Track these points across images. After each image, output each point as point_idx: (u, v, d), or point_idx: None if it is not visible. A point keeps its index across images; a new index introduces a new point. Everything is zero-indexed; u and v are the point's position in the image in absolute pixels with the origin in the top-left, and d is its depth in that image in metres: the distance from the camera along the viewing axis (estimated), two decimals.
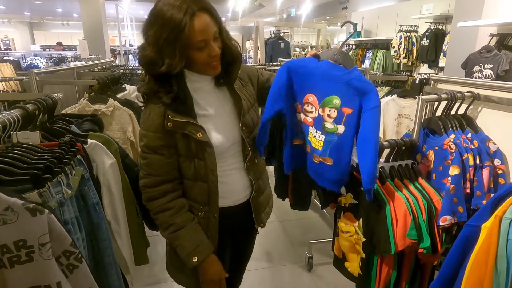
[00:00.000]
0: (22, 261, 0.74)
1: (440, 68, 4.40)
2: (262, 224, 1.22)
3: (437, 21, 4.46)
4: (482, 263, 0.71)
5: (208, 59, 0.94)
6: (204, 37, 0.90)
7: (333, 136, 1.12)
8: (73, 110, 1.81)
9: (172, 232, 1.01)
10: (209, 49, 0.92)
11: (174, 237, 1.02)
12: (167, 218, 1.01)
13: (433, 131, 1.35)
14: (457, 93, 1.32)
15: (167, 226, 1.02)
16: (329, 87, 1.09)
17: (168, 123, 0.95)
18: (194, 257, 1.01)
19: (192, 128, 0.97)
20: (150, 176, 0.99)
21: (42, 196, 0.79)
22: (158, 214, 1.02)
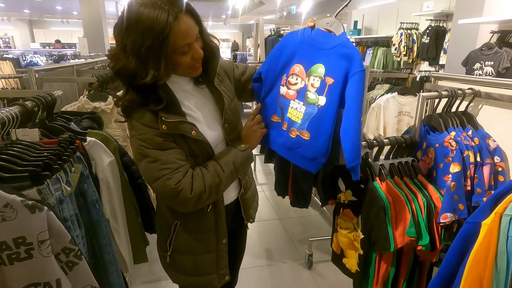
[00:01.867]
0: (22, 258, 0.73)
1: (440, 66, 4.40)
2: (251, 219, 1.22)
3: (437, 19, 4.45)
4: (482, 259, 0.71)
5: (191, 62, 0.90)
6: (187, 41, 0.86)
7: (313, 108, 1.07)
8: (73, 108, 1.81)
9: (222, 172, 0.96)
10: (193, 52, 0.89)
11: (227, 170, 0.97)
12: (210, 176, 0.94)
13: (433, 128, 1.35)
14: (457, 90, 1.31)
15: (218, 179, 0.95)
16: (315, 55, 1.06)
17: (163, 126, 0.89)
18: (242, 147, 1.02)
19: (185, 127, 0.93)
20: (177, 171, 0.90)
21: (41, 193, 0.79)
22: (209, 185, 0.93)
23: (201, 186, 0.92)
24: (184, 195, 0.90)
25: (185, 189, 0.89)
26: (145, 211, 1.35)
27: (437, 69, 4.51)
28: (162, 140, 0.90)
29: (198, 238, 1.07)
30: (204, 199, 0.93)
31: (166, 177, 0.88)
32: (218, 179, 0.95)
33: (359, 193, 1.25)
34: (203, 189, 0.92)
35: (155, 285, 2.10)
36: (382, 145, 1.30)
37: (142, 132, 0.89)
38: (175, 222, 1.05)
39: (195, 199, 0.91)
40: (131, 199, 1.28)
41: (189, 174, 0.92)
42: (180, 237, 1.06)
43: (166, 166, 0.89)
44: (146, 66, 0.82)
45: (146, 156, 0.89)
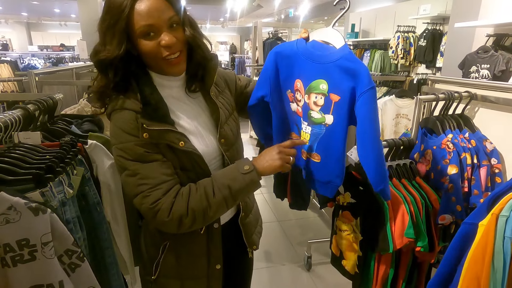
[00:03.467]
0: (25, 260, 0.74)
1: (437, 69, 4.43)
2: (254, 246, 1.10)
3: (434, 22, 4.49)
4: (479, 260, 0.73)
5: (159, 50, 0.80)
6: (149, 22, 0.77)
7: (320, 128, 0.99)
8: (73, 111, 1.82)
9: (211, 196, 0.82)
10: (161, 37, 0.79)
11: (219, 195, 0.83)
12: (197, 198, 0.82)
13: (431, 130, 1.37)
14: (454, 93, 1.33)
15: (205, 202, 0.82)
16: (315, 70, 0.96)
17: (144, 134, 0.80)
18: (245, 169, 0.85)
19: (172, 136, 0.83)
20: (156, 188, 0.80)
21: (44, 195, 0.79)
22: (193, 209, 0.81)
23: (182, 209, 0.80)
24: (161, 217, 0.79)
25: (162, 210, 0.79)
26: None
27: (434, 72, 4.54)
28: (144, 150, 0.80)
29: (188, 262, 0.96)
30: (186, 224, 0.81)
31: (143, 194, 0.80)
32: (205, 203, 0.81)
33: (358, 195, 1.27)
34: (184, 213, 0.80)
35: None
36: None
37: (122, 141, 0.81)
38: (164, 243, 0.94)
39: (174, 223, 0.81)
40: None
41: (172, 193, 0.81)
42: (168, 260, 0.95)
43: (144, 182, 0.80)
44: (105, 42, 0.79)
45: (125, 169, 0.81)
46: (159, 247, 0.95)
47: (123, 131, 0.81)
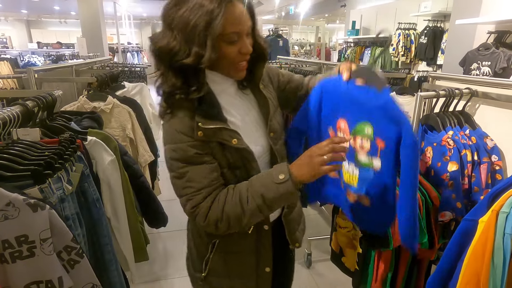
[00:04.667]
0: (24, 256, 0.74)
1: (438, 66, 4.41)
2: (297, 243, 1.07)
3: (435, 19, 4.47)
4: (479, 256, 0.72)
5: (238, 56, 0.82)
6: (238, 29, 0.78)
7: (368, 171, 0.97)
8: (72, 108, 1.81)
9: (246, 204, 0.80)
10: (241, 44, 0.80)
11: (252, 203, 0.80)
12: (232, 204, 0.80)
13: (431, 127, 1.36)
14: (455, 89, 1.32)
15: (240, 209, 0.80)
16: (360, 112, 0.93)
17: (199, 132, 0.79)
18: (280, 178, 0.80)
19: (225, 134, 0.82)
20: (198, 193, 0.81)
21: (43, 192, 0.79)
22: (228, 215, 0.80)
23: (218, 214, 0.80)
24: (199, 221, 0.82)
25: (200, 215, 0.81)
26: (149, 208, 1.36)
27: (434, 69, 4.53)
28: (194, 152, 0.80)
29: (237, 261, 0.96)
30: (222, 229, 0.82)
31: (187, 197, 0.81)
32: (239, 210, 0.80)
33: None
34: (220, 218, 0.80)
35: (155, 284, 2.11)
36: None
37: (175, 141, 0.81)
38: (213, 241, 0.94)
39: (211, 227, 0.82)
40: (132, 198, 1.28)
41: (210, 199, 0.81)
42: (217, 258, 0.95)
43: (190, 185, 0.81)
44: (190, 43, 0.75)
45: (173, 171, 0.82)
46: (208, 245, 0.95)
47: (178, 131, 0.81)
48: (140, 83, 2.54)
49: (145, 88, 2.54)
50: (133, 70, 2.96)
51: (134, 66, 3.07)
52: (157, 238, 2.62)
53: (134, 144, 1.95)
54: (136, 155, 1.96)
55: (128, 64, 3.26)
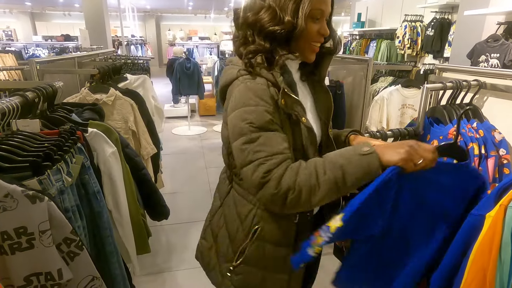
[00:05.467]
0: (23, 248, 0.74)
1: (445, 59, 4.34)
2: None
3: (442, 10, 4.39)
4: (486, 252, 0.71)
5: (316, 36, 0.84)
6: (324, 7, 0.82)
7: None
8: (74, 100, 1.80)
9: (322, 175, 0.74)
10: (321, 24, 0.84)
11: (330, 174, 0.74)
12: (306, 174, 0.74)
13: (437, 120, 1.33)
14: (463, 81, 1.29)
15: (314, 180, 0.74)
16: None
17: (282, 100, 0.79)
18: (364, 150, 0.75)
19: (300, 109, 0.82)
20: (272, 158, 0.75)
21: (42, 183, 0.78)
22: (300, 185, 0.74)
23: (291, 183, 0.73)
24: (269, 189, 0.74)
25: (272, 181, 0.74)
26: (151, 201, 1.35)
27: (441, 62, 4.45)
28: (270, 118, 0.77)
29: (275, 251, 0.91)
30: (291, 202, 0.74)
31: (259, 161, 0.75)
32: (314, 181, 0.73)
33: (361, 186, 1.24)
34: (292, 187, 0.73)
35: (158, 277, 2.12)
36: (385, 138, 1.29)
37: (252, 103, 0.77)
38: (256, 226, 0.89)
39: (280, 198, 0.74)
40: (133, 190, 1.28)
41: (283, 166, 0.75)
42: (256, 246, 0.90)
43: (262, 148, 0.75)
44: (284, 13, 0.79)
45: (244, 135, 0.77)
46: (249, 231, 0.90)
47: (255, 95, 0.78)
48: (143, 75, 2.53)
49: (147, 81, 2.53)
50: (136, 62, 2.94)
51: (137, 59, 3.05)
52: (160, 231, 2.63)
53: (136, 136, 1.94)
54: (139, 147, 1.95)
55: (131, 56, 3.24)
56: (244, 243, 0.91)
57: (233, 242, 0.94)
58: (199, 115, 6.51)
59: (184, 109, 6.03)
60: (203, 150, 4.61)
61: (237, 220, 0.92)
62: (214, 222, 1.01)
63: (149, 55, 10.56)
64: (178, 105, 6.25)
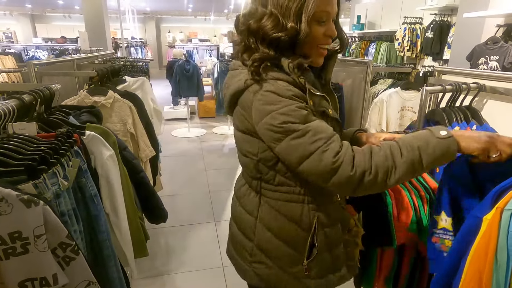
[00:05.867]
0: (18, 253, 0.73)
1: (444, 61, 4.35)
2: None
3: (442, 13, 4.40)
4: (482, 254, 0.70)
5: (323, 38, 0.82)
6: (329, 9, 0.80)
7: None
8: (73, 102, 1.80)
9: (399, 157, 0.73)
10: (328, 26, 0.82)
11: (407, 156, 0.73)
12: (381, 156, 0.73)
13: (437, 123, 1.33)
14: (462, 84, 1.29)
15: (391, 162, 0.73)
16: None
17: (310, 101, 0.78)
18: (442, 134, 0.73)
19: (325, 103, 0.82)
20: (332, 140, 0.74)
21: (38, 187, 0.78)
22: (376, 166, 0.73)
23: (366, 163, 0.72)
24: (344, 171, 0.72)
25: (345, 163, 0.72)
26: (149, 203, 1.34)
27: (441, 64, 4.46)
28: (306, 112, 0.76)
29: (331, 231, 0.93)
30: (368, 183, 0.73)
31: (321, 149, 0.72)
32: (391, 163, 0.72)
33: None
34: (368, 168, 0.72)
35: (156, 280, 2.11)
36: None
37: (282, 105, 0.75)
38: (315, 218, 0.89)
39: (357, 179, 0.72)
40: (131, 193, 1.27)
41: (347, 145, 0.74)
42: (320, 235, 0.91)
43: (319, 137, 0.73)
44: (286, 19, 0.77)
45: (290, 132, 0.74)
46: (311, 225, 0.89)
47: (281, 95, 0.76)
48: (142, 78, 2.53)
49: (146, 83, 2.52)
50: (135, 64, 2.94)
51: (136, 61, 3.04)
52: (159, 233, 2.62)
53: (135, 139, 1.93)
54: (137, 150, 1.95)
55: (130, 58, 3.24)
56: (309, 238, 0.90)
57: (297, 244, 0.91)
58: (199, 117, 6.50)
59: (184, 111, 6.03)
60: (203, 152, 4.60)
61: (292, 224, 0.90)
62: (261, 239, 0.94)
63: (149, 57, 10.57)
64: (178, 107, 6.25)
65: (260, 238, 0.93)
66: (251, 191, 0.95)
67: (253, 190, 0.94)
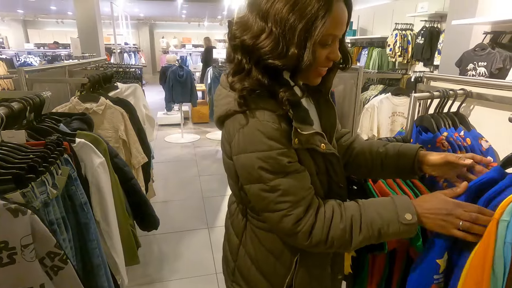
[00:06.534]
0: (4, 263, 0.72)
1: (435, 66, 4.42)
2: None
3: (432, 20, 4.49)
4: (479, 266, 0.70)
5: (324, 62, 0.73)
6: (337, 32, 0.70)
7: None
8: (64, 109, 1.79)
9: (357, 233, 0.73)
10: (332, 49, 0.72)
11: (366, 234, 0.72)
12: (341, 229, 0.72)
13: (425, 129, 1.34)
14: (449, 90, 1.31)
15: (348, 237, 0.73)
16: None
17: (295, 140, 0.70)
18: (407, 218, 0.71)
19: (317, 139, 0.75)
20: (297, 206, 0.71)
21: (26, 196, 0.77)
22: (333, 239, 0.73)
23: (322, 235, 0.72)
24: (299, 239, 0.72)
25: (303, 233, 0.71)
26: (140, 211, 1.34)
27: (431, 70, 4.54)
28: (287, 161, 0.70)
29: (318, 273, 0.89)
30: (321, 249, 0.74)
31: (284, 213, 0.71)
32: (348, 238, 0.73)
33: (351, 195, 1.25)
34: (323, 240, 0.72)
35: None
36: None
37: (264, 148, 0.69)
38: (295, 257, 0.85)
39: (310, 246, 0.73)
40: (122, 201, 1.26)
41: (312, 212, 0.72)
42: (301, 274, 0.86)
43: (285, 199, 0.71)
44: (288, 43, 0.66)
45: (261, 182, 0.71)
46: (291, 263, 0.85)
47: (266, 136, 0.69)
48: (134, 84, 2.52)
49: (138, 89, 2.52)
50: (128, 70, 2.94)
51: (128, 67, 3.04)
52: (152, 240, 2.60)
53: (127, 145, 1.93)
54: (129, 157, 1.94)
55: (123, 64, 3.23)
56: (289, 276, 0.86)
57: (274, 279, 0.87)
58: (192, 123, 6.50)
59: (177, 117, 6.02)
60: (196, 157, 4.60)
61: (271, 257, 0.86)
62: (241, 264, 0.91)
63: (143, 62, 10.56)
64: (171, 112, 6.24)
65: (240, 263, 0.91)
66: (239, 212, 0.91)
67: (240, 212, 0.90)
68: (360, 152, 0.98)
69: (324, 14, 0.65)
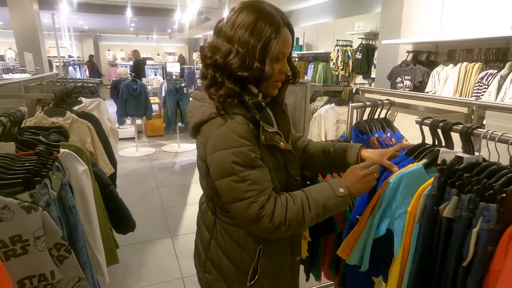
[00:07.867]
0: (18, 254, 0.83)
1: (372, 79, 4.95)
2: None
3: (367, 37, 5.03)
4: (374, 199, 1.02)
5: (278, 75, 0.92)
6: (288, 50, 0.91)
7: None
8: (30, 123, 1.82)
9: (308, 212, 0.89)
10: (283, 64, 0.92)
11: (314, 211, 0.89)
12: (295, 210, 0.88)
13: (361, 132, 1.64)
14: (378, 100, 1.62)
15: (301, 216, 0.89)
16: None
17: (263, 136, 0.87)
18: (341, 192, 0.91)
19: (277, 138, 0.92)
20: (262, 194, 0.86)
21: (33, 196, 0.88)
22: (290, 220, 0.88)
23: (281, 218, 0.87)
24: (263, 223, 0.86)
25: (266, 216, 0.85)
26: (117, 214, 1.44)
27: (369, 82, 5.07)
28: (254, 157, 0.86)
29: (279, 260, 1.04)
30: (281, 232, 0.88)
31: (251, 200, 0.85)
32: (301, 217, 0.89)
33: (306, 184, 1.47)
34: (283, 222, 0.87)
35: None
36: None
37: (236, 145, 0.84)
38: (259, 247, 0.99)
39: (271, 230, 0.87)
40: (103, 206, 1.37)
41: (272, 200, 0.88)
42: (265, 262, 1.01)
43: (254, 188, 0.85)
44: (252, 58, 0.85)
45: (233, 174, 0.85)
46: (254, 252, 0.99)
47: (238, 135, 0.85)
48: (98, 98, 2.58)
49: (102, 103, 2.58)
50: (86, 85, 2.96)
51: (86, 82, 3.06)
52: (130, 249, 2.60)
53: (94, 157, 1.99)
54: None
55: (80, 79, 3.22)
56: (253, 263, 0.99)
57: (241, 266, 1.01)
58: (146, 136, 6.45)
59: (131, 130, 5.96)
60: (154, 170, 4.60)
61: (237, 247, 1.00)
62: (212, 255, 1.05)
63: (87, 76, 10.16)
64: (124, 126, 6.15)
65: (212, 254, 1.05)
66: (209, 210, 1.05)
67: (210, 210, 1.04)
68: (314, 153, 1.20)
69: (276, 36, 0.86)
